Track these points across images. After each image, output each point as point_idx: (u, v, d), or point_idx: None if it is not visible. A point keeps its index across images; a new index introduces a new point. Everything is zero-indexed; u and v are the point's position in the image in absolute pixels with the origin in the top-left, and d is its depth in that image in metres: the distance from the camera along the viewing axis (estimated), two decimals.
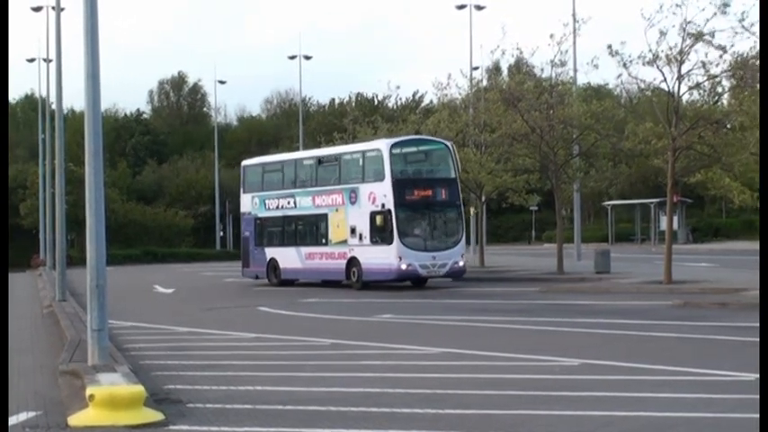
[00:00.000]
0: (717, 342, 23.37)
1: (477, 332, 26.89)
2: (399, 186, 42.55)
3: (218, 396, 16.63)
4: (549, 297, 36.83)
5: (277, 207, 49.28)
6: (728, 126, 39.64)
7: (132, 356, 21.69)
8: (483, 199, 58.04)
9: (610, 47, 38.38)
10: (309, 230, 47.68)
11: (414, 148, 46.35)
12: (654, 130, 39.16)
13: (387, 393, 16.68)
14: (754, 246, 56.43)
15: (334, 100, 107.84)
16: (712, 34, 36.38)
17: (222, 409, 15.45)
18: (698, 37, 36.40)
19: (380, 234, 42.53)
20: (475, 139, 54.98)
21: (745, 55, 36.48)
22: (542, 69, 49.44)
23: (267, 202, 49.98)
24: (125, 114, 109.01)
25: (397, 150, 44.26)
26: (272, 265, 48.99)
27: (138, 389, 14.88)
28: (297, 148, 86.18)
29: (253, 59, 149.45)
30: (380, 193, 42.61)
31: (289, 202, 48.54)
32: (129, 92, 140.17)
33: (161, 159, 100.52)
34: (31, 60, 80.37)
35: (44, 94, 76.07)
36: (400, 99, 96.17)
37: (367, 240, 43.17)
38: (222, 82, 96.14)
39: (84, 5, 18.23)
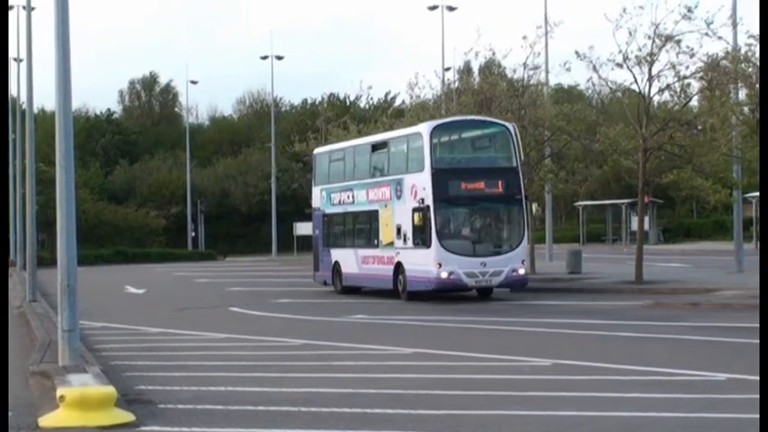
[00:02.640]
0: (688, 342, 23.49)
1: (448, 332, 26.97)
2: (440, 178, 35.38)
3: (189, 397, 16.60)
4: (521, 297, 36.88)
5: (339, 202, 42.56)
6: (699, 127, 39.83)
7: (103, 357, 21.62)
8: None
9: (577, 52, 38.65)
10: (364, 230, 40.91)
11: (462, 132, 39.24)
12: (625, 132, 39.35)
13: (359, 394, 16.69)
14: (725, 246, 56.80)
15: (306, 100, 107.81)
16: (680, 37, 36.63)
17: (193, 410, 15.44)
18: (667, 38, 36.63)
19: (421, 235, 35.49)
20: None
21: (714, 57, 36.67)
22: (515, 71, 49.56)
23: (332, 195, 43.19)
24: (96, 114, 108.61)
25: (439, 134, 37.29)
26: (336, 269, 42.07)
27: (109, 390, 14.85)
28: (269, 149, 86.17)
29: (225, 60, 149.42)
30: (420, 186, 35.67)
31: (348, 197, 41.73)
32: (99, 92, 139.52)
33: (132, 159, 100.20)
34: None
35: (14, 93, 75.74)
36: (372, 99, 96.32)
37: (410, 242, 36.31)
38: (194, 82, 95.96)
39: (56, 5, 18.15)
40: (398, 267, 36.94)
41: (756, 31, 35.18)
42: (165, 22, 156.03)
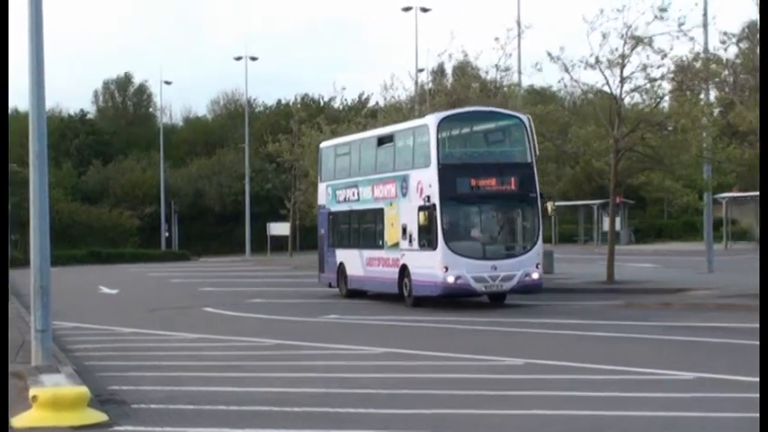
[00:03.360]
0: (659, 342, 23.60)
1: (418, 332, 27.02)
2: (448, 174, 32.08)
3: (162, 397, 16.58)
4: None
5: (344, 199, 39.03)
6: (670, 128, 39.99)
7: (76, 357, 21.59)
8: None
9: (549, 53, 38.75)
10: (369, 229, 37.40)
11: (473, 125, 35.54)
12: (596, 132, 39.47)
13: (331, 393, 16.73)
14: (696, 246, 57.04)
15: (280, 101, 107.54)
16: (652, 39, 36.81)
17: (165, 410, 15.44)
18: (639, 41, 36.80)
19: (426, 236, 32.23)
20: None
21: (684, 59, 36.87)
22: (487, 72, 49.69)
23: (338, 192, 39.64)
24: (70, 114, 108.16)
25: (448, 127, 33.86)
26: (341, 270, 38.74)
27: (82, 390, 14.82)
28: (243, 150, 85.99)
29: (199, 60, 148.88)
30: (426, 183, 32.34)
31: (353, 194, 38.25)
32: (73, 92, 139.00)
33: (106, 160, 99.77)
34: None
35: None
36: (346, 100, 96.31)
37: (416, 244, 32.92)
38: (168, 83, 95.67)
39: (29, 6, 18.09)
40: (404, 270, 33.66)
41: (730, 29, 35.52)
42: (138, 23, 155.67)
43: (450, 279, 31.25)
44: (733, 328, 25.53)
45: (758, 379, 16.74)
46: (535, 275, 32.21)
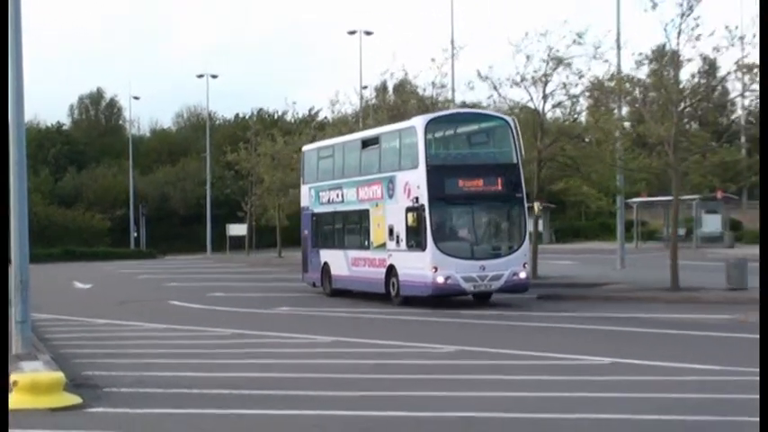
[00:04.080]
0: (576, 331, 23.75)
1: (362, 323, 27.04)
2: (436, 175, 29.48)
3: (132, 381, 16.50)
4: None
5: (329, 201, 36.12)
6: (587, 140, 40.28)
7: (53, 346, 21.35)
8: None
9: (479, 72, 38.88)
10: (354, 230, 34.45)
11: (458, 126, 32.76)
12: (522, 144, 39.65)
13: (284, 378, 16.72)
14: (610, 245, 57.40)
15: (238, 114, 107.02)
16: (571, 60, 37.12)
17: (135, 393, 15.34)
18: (559, 62, 37.06)
19: (415, 236, 29.70)
20: None
21: (600, 78, 37.16)
22: (425, 89, 49.73)
23: (321, 194, 36.64)
24: (47, 126, 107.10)
25: (435, 128, 31.11)
26: (326, 270, 35.90)
27: (58, 375, 14.73)
28: (204, 158, 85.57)
29: (165, 77, 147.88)
30: (414, 184, 29.80)
31: (337, 195, 35.36)
32: (50, 106, 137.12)
33: (80, 167, 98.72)
34: None
35: None
36: (297, 114, 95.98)
37: (404, 244, 30.38)
38: (136, 98, 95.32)
39: (11, 22, 17.84)
40: (390, 270, 31.12)
41: (642, 49, 35.97)
42: (110, 42, 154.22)
43: (440, 279, 28.87)
44: (645, 318, 25.77)
45: (673, 364, 17.04)
46: (522, 275, 29.83)
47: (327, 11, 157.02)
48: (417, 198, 29.46)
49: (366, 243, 32.94)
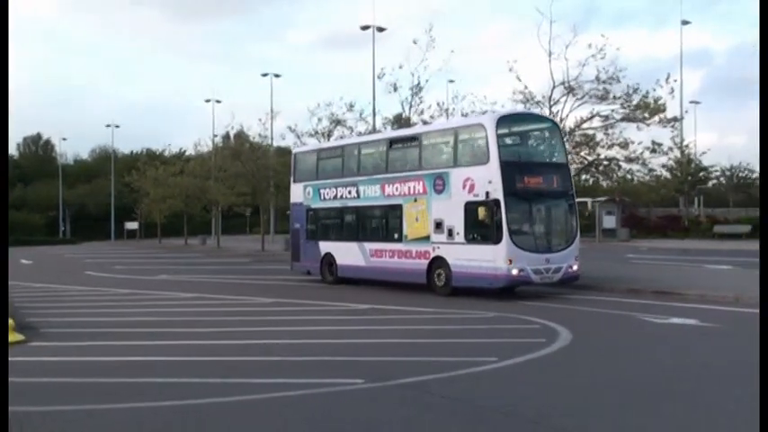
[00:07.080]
0: (348, 288, 24.00)
1: (218, 285, 26.54)
2: (508, 171, 20.52)
3: (63, 324, 15.98)
4: (256, 264, 36.86)
5: (335, 197, 25.88)
6: None
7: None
8: (219, 209, 58.82)
9: (289, 127, 39.83)
10: (377, 224, 24.56)
11: (523, 126, 23.15)
12: None
13: (165, 320, 16.53)
14: None
15: (132, 151, 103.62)
16: (345, 121, 38.60)
17: (66, 332, 14.89)
18: (338, 122, 38.58)
19: (482, 230, 20.54)
20: (215, 176, 55.21)
21: (363, 131, 38.37)
22: (254, 138, 50.63)
23: (322, 191, 26.40)
24: None
25: (505, 127, 21.83)
26: (327, 260, 26.01)
27: (10, 321, 14.16)
28: (110, 180, 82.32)
29: (85, 124, 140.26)
30: (483, 180, 20.52)
31: (350, 192, 25.24)
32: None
33: (26, 183, 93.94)
34: None
35: None
36: (171, 151, 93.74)
37: (460, 237, 21.03)
38: (64, 138, 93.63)
39: None
40: (435, 262, 21.76)
41: (388, 115, 37.52)
42: (47, 98, 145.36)
43: (515, 271, 19.99)
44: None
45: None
46: (575, 267, 21.19)
47: (194, 88, 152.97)
48: (488, 193, 20.28)
49: (396, 236, 23.21)
